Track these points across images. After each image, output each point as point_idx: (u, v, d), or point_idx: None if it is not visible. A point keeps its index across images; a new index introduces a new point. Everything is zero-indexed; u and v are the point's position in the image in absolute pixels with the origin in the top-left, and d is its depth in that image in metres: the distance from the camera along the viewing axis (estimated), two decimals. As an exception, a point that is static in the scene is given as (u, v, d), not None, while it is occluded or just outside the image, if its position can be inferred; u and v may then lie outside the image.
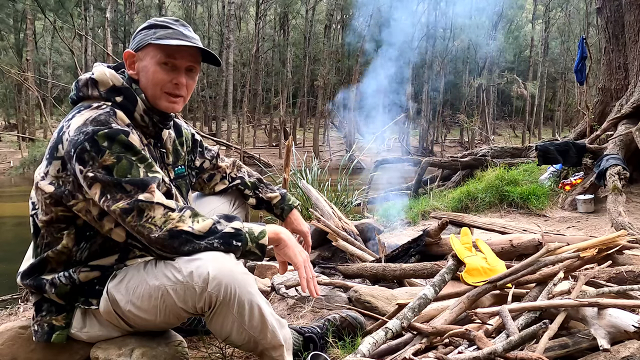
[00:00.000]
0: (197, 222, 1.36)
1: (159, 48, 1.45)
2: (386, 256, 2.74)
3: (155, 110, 1.51)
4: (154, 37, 1.46)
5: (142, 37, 1.49)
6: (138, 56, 1.49)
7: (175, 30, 1.48)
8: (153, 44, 1.45)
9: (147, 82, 1.48)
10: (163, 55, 1.46)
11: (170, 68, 1.47)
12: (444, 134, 29.55)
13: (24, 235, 2.47)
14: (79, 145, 1.33)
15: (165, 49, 1.45)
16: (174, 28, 1.48)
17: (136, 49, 1.49)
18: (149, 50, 1.47)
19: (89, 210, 1.39)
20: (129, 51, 1.50)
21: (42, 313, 1.49)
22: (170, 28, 1.48)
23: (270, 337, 1.40)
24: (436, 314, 1.71)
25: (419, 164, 8.62)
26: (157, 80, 1.47)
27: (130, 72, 1.50)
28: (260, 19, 25.81)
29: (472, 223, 3.30)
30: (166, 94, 1.49)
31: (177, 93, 1.50)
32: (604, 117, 6.73)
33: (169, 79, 1.47)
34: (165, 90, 1.48)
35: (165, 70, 1.47)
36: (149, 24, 1.51)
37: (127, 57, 1.50)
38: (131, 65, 1.51)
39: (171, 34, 1.46)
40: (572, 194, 5.34)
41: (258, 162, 16.54)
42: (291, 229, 1.88)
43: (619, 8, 6.75)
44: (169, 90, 1.48)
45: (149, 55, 1.47)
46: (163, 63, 1.46)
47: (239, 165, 1.97)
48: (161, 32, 1.46)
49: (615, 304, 1.42)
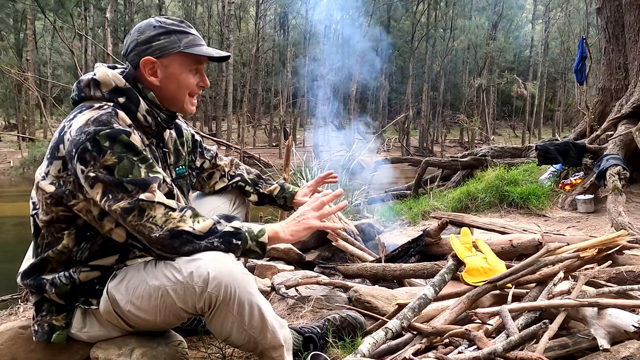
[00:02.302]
0: (197, 222, 1.36)
1: (190, 56, 1.50)
2: (386, 256, 2.74)
3: (164, 111, 1.53)
4: (182, 46, 1.48)
5: (164, 43, 1.47)
6: (161, 63, 1.48)
7: (194, 35, 1.52)
8: (185, 52, 1.48)
9: (176, 88, 1.51)
10: (193, 62, 1.52)
11: (196, 72, 1.54)
12: (444, 134, 29.55)
13: (24, 235, 2.47)
14: (81, 145, 1.33)
15: (197, 57, 1.51)
16: (192, 33, 1.52)
17: (159, 56, 1.48)
18: (175, 58, 1.48)
19: (89, 210, 1.40)
20: (149, 58, 1.47)
21: (42, 313, 1.49)
22: (190, 33, 1.51)
23: (270, 337, 1.40)
24: (436, 314, 1.71)
25: (419, 164, 8.61)
26: (187, 85, 1.53)
27: (152, 79, 1.49)
28: (260, 19, 25.81)
29: (472, 223, 3.30)
30: (190, 97, 1.56)
31: (199, 92, 1.58)
32: (604, 117, 6.73)
33: (196, 82, 1.54)
34: (192, 93, 1.55)
35: (193, 75, 1.53)
36: (164, 29, 1.48)
37: (146, 64, 1.47)
38: (152, 72, 1.49)
39: (194, 40, 1.51)
40: (572, 194, 5.34)
41: (258, 162, 16.52)
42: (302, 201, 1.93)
43: (619, 8, 6.75)
44: (195, 93, 1.56)
45: (177, 63, 1.49)
46: (194, 69, 1.53)
47: (236, 164, 2.00)
48: (185, 39, 1.49)
49: (615, 304, 1.42)
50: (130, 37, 1.51)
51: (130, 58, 1.50)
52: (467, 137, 27.50)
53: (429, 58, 28.71)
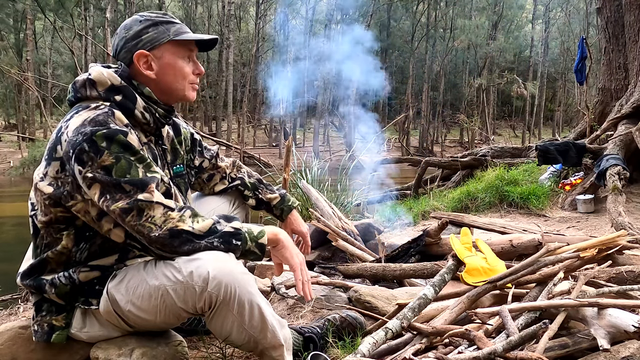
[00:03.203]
0: (197, 222, 1.36)
1: (180, 44, 1.50)
2: (386, 256, 2.74)
3: (161, 105, 1.52)
4: (172, 34, 1.48)
5: (153, 35, 1.47)
6: (154, 55, 1.48)
7: (180, 24, 1.53)
8: (174, 40, 1.49)
9: (174, 77, 1.51)
10: (185, 50, 1.52)
11: (190, 60, 1.55)
12: (444, 134, 29.55)
13: (24, 235, 2.47)
14: (78, 146, 1.32)
15: (187, 43, 1.52)
16: (177, 22, 1.53)
17: (150, 49, 1.48)
18: (167, 47, 1.49)
19: (87, 211, 1.39)
20: (142, 52, 1.47)
21: (42, 313, 1.49)
22: (176, 23, 1.52)
23: (270, 337, 1.40)
24: (436, 314, 1.71)
25: (419, 164, 8.61)
26: (185, 73, 1.53)
27: (148, 72, 1.48)
28: (260, 19, 25.81)
29: (472, 223, 3.29)
30: (191, 84, 1.56)
31: (197, 81, 1.59)
32: (604, 117, 6.73)
33: (192, 70, 1.55)
34: (191, 81, 1.55)
35: (188, 63, 1.54)
36: (150, 21, 1.49)
37: (139, 58, 1.47)
38: (147, 66, 1.48)
39: (181, 28, 1.52)
40: (572, 194, 5.33)
41: (258, 162, 16.50)
42: (290, 230, 1.89)
43: (619, 8, 6.75)
44: (193, 81, 1.56)
45: (169, 52, 1.49)
46: (187, 57, 1.53)
47: (238, 166, 1.97)
48: (172, 28, 1.50)
49: (615, 304, 1.42)
50: (118, 36, 1.51)
51: (122, 56, 1.49)
52: (467, 137, 27.51)
53: (429, 58, 28.72)
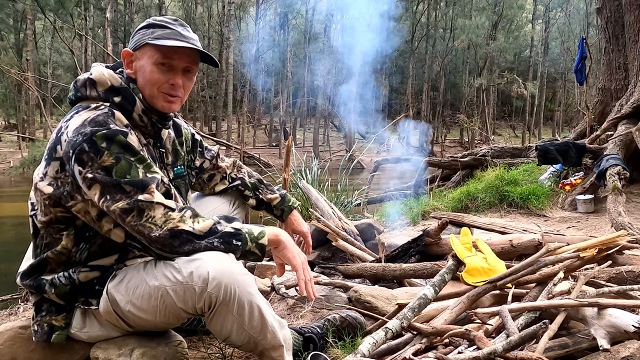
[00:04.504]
0: (197, 222, 1.36)
1: (156, 48, 1.45)
2: (386, 256, 2.74)
3: (154, 110, 1.51)
4: (152, 37, 1.45)
5: (140, 36, 1.48)
6: (136, 55, 1.49)
7: (173, 30, 1.47)
8: (150, 43, 1.45)
9: (144, 81, 1.48)
10: (160, 56, 1.45)
11: (167, 68, 1.47)
12: (444, 134, 29.54)
13: (24, 235, 2.47)
14: (78, 147, 1.32)
15: (162, 49, 1.45)
16: (172, 28, 1.47)
17: (134, 48, 1.49)
18: (146, 50, 1.46)
19: (87, 211, 1.39)
20: (127, 50, 1.50)
21: (42, 313, 1.49)
22: (169, 28, 1.47)
23: (270, 338, 1.40)
24: (436, 314, 1.71)
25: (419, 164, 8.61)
26: (154, 80, 1.46)
27: (128, 71, 1.50)
28: (260, 19, 25.80)
29: (472, 223, 3.29)
30: (163, 94, 1.48)
31: (174, 94, 1.49)
32: (604, 117, 6.73)
33: (166, 79, 1.47)
34: (162, 90, 1.48)
35: (162, 71, 1.46)
36: (148, 23, 1.51)
37: (125, 56, 1.50)
38: (129, 64, 1.50)
39: (169, 34, 1.46)
40: (572, 194, 5.33)
41: (258, 162, 16.52)
42: (291, 230, 1.89)
43: (619, 8, 6.75)
44: (165, 91, 1.48)
45: (146, 55, 1.46)
46: (160, 63, 1.46)
47: (239, 166, 1.97)
48: (159, 31, 1.46)
49: (615, 304, 1.42)
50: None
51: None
52: (467, 137, 27.50)
53: (429, 58, 28.71)
